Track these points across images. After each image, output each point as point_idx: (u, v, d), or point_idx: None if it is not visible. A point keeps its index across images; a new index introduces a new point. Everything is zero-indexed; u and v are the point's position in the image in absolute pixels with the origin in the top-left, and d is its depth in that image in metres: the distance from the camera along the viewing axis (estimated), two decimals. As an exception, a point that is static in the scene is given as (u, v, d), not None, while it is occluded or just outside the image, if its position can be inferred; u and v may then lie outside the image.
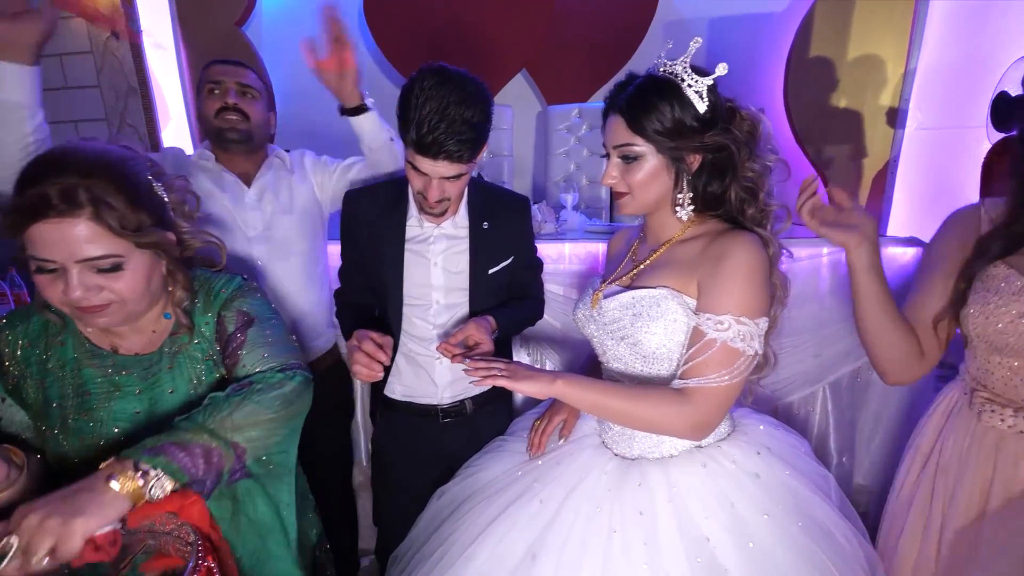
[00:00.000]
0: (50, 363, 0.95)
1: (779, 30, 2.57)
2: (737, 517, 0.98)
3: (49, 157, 0.84)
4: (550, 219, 2.08)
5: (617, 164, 1.05)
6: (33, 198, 0.79)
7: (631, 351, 1.08)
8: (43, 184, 0.79)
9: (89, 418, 0.94)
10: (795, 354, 1.79)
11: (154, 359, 0.99)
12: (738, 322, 0.95)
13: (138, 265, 0.88)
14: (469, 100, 1.13)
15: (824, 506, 1.04)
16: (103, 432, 0.94)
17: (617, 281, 1.14)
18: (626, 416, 1.01)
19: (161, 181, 0.95)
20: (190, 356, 1.00)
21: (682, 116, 0.98)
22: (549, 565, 1.00)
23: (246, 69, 1.62)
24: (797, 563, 0.94)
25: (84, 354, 0.96)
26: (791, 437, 1.19)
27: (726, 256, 0.98)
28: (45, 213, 0.79)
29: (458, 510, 1.21)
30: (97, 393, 0.95)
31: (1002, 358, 1.04)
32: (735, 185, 1.03)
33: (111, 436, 0.95)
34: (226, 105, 1.55)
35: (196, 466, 0.82)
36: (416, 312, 1.39)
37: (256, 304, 1.06)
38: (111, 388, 0.95)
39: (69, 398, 0.94)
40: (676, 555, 0.95)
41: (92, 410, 0.94)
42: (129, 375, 0.97)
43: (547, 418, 1.26)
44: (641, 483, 1.05)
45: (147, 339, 0.99)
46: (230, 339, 1.01)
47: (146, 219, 0.87)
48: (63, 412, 0.94)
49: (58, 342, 0.96)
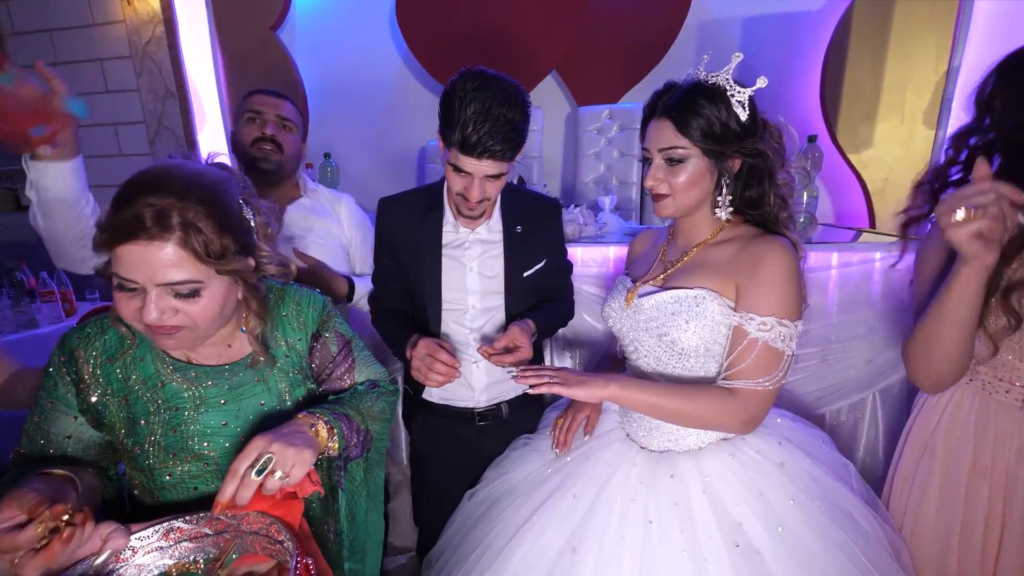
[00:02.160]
0: (131, 380, 0.95)
1: (815, 29, 2.58)
2: (766, 503, 1.05)
3: (146, 178, 0.84)
4: (591, 222, 2.10)
5: (661, 166, 1.12)
6: (127, 219, 0.80)
7: (665, 348, 1.14)
8: (137, 205, 0.80)
9: (178, 434, 0.95)
10: (845, 359, 1.79)
11: (236, 370, 1.01)
12: (780, 324, 1.02)
13: (215, 292, 0.88)
14: (511, 101, 1.20)
15: (846, 493, 1.11)
16: (192, 447, 0.96)
17: (651, 281, 1.20)
18: (681, 415, 1.08)
19: (250, 204, 0.96)
20: (280, 370, 1.04)
21: (727, 121, 1.05)
22: (589, 557, 1.07)
23: (285, 101, 1.71)
24: (825, 545, 1.01)
25: (164, 368, 0.96)
26: (811, 429, 1.26)
27: (764, 260, 1.05)
28: (136, 235, 0.80)
29: (490, 511, 1.28)
30: (184, 408, 0.96)
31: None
32: (773, 190, 1.10)
33: (200, 450, 0.96)
34: (263, 135, 1.64)
35: (351, 439, 0.98)
36: (453, 316, 1.45)
37: (343, 324, 1.16)
38: (197, 402, 0.97)
39: (157, 414, 0.95)
40: (713, 541, 1.02)
41: (181, 425, 0.95)
42: (214, 387, 0.98)
43: (570, 416, 1.32)
44: (673, 474, 1.12)
45: (222, 351, 1.01)
46: (336, 359, 1.11)
47: (231, 245, 0.88)
48: (150, 428, 0.94)
49: (137, 358, 0.96)
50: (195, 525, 0.84)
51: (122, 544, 0.79)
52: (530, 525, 1.15)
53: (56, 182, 1.25)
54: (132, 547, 0.81)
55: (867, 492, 1.19)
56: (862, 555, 1.03)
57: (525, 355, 1.26)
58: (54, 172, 1.24)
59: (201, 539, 0.84)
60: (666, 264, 1.21)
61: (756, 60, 2.79)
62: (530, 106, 1.25)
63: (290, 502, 0.85)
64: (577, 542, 1.09)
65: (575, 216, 1.98)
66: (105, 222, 0.82)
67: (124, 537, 0.79)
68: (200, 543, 0.85)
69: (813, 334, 1.75)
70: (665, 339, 1.12)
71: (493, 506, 1.28)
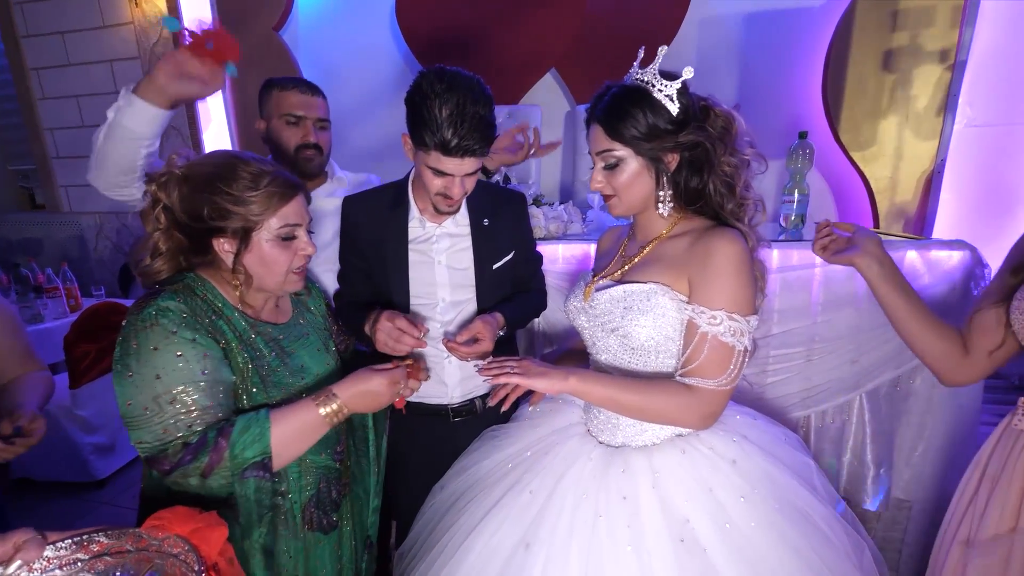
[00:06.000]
0: (235, 332, 1.11)
1: (817, 25, 2.56)
2: (715, 500, 1.06)
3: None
4: (576, 219, 2.12)
5: (601, 169, 1.15)
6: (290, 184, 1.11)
7: (620, 343, 1.15)
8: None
9: (282, 371, 1.15)
10: (830, 360, 1.78)
11: (291, 325, 1.25)
12: (730, 318, 1.03)
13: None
14: (481, 98, 1.23)
15: (803, 492, 1.11)
16: (295, 383, 1.17)
17: (608, 276, 1.22)
18: (638, 409, 1.10)
19: None
20: (317, 327, 1.32)
21: (655, 119, 1.08)
22: (541, 553, 1.09)
23: (320, 99, 1.77)
24: (773, 543, 1.02)
25: (249, 324, 1.15)
26: (775, 428, 1.26)
27: (713, 253, 1.06)
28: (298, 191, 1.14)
29: (456, 504, 1.31)
30: (276, 352, 1.16)
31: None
32: (713, 179, 1.11)
33: (298, 383, 1.18)
34: (307, 143, 1.71)
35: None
36: (423, 311, 1.48)
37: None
38: (281, 348, 1.18)
39: (264, 357, 1.13)
40: (658, 536, 1.03)
41: (279, 367, 1.15)
42: (285, 339, 1.20)
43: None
44: (625, 470, 1.13)
45: (275, 312, 1.23)
46: (342, 328, 1.43)
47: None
48: (266, 367, 1.13)
49: (225, 317, 1.11)
50: (117, 540, 0.82)
51: (35, 555, 0.74)
52: (488, 520, 1.17)
53: (139, 119, 1.30)
54: (47, 557, 0.76)
55: (831, 493, 1.18)
56: (817, 555, 1.03)
57: (484, 348, 1.28)
58: (142, 111, 1.30)
59: (122, 555, 0.82)
60: (624, 259, 1.23)
61: (757, 57, 2.78)
62: (492, 97, 1.27)
63: (211, 529, 0.86)
64: (531, 537, 1.11)
65: (559, 213, 2.00)
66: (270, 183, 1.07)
67: (39, 548, 0.74)
68: (121, 559, 0.82)
69: (797, 333, 1.74)
70: (618, 333, 1.14)
71: (459, 499, 1.31)
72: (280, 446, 1.04)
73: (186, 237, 1.09)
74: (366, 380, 1.12)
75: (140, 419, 0.98)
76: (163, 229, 1.09)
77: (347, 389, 1.11)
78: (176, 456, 0.98)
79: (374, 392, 1.12)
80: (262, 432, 1.02)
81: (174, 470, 0.99)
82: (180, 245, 1.11)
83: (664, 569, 0.99)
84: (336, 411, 1.09)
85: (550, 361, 1.39)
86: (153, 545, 0.83)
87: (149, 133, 1.33)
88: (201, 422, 1.00)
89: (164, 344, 0.99)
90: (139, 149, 1.35)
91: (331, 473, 1.23)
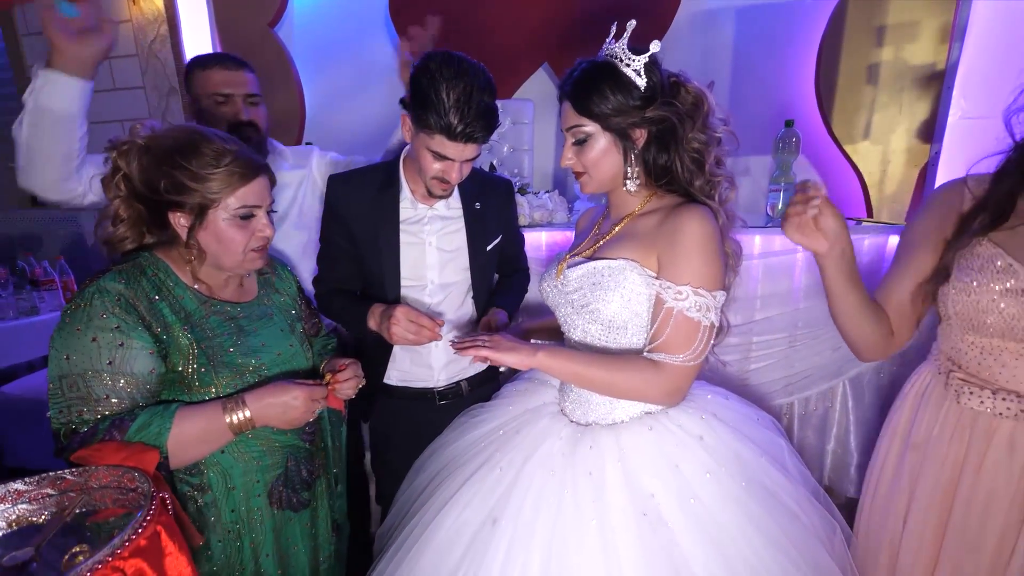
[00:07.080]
0: (181, 314, 1.09)
1: (810, 18, 2.56)
2: (681, 476, 1.06)
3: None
4: (561, 208, 2.14)
5: (571, 146, 1.16)
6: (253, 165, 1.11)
7: (590, 319, 1.16)
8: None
9: (235, 352, 1.13)
10: (813, 346, 1.78)
11: (254, 304, 1.24)
12: (696, 293, 1.03)
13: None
14: (487, 86, 1.25)
15: (772, 471, 1.11)
16: (247, 364, 1.15)
17: (580, 253, 1.22)
18: (606, 385, 1.10)
19: None
20: (283, 308, 1.31)
21: (621, 94, 1.08)
22: (507, 528, 1.10)
23: (249, 73, 1.67)
24: (738, 519, 1.02)
25: (203, 303, 1.13)
26: (747, 408, 1.25)
27: (679, 230, 1.06)
28: (260, 172, 1.13)
29: (431, 483, 1.31)
30: (231, 333, 1.15)
31: (977, 337, 1.05)
32: (680, 155, 1.11)
33: (251, 365, 1.16)
34: (240, 121, 1.62)
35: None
36: (412, 292, 1.50)
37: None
38: (238, 328, 1.16)
39: (214, 338, 1.11)
40: (623, 511, 1.04)
41: (232, 347, 1.13)
42: (244, 317, 1.19)
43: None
44: (592, 446, 1.14)
45: (238, 290, 1.23)
46: (312, 311, 1.44)
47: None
48: (215, 349, 1.11)
49: (177, 296, 1.10)
50: (36, 486, 0.84)
51: None
52: (458, 497, 1.18)
53: (62, 96, 1.27)
54: None
55: (803, 473, 1.18)
56: (783, 532, 1.03)
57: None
58: (64, 85, 1.27)
59: (43, 499, 0.84)
60: (598, 236, 1.24)
61: (750, 51, 2.78)
62: (496, 87, 1.28)
63: (144, 453, 0.88)
64: (499, 513, 1.11)
65: (544, 202, 2.01)
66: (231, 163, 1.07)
67: None
68: (41, 503, 0.84)
69: (779, 320, 1.74)
70: (588, 309, 1.14)
71: (435, 478, 1.32)
72: (178, 447, 1.00)
73: (144, 207, 1.09)
74: (283, 392, 1.09)
75: (51, 394, 0.99)
76: (123, 197, 1.08)
77: (260, 399, 1.08)
78: (65, 440, 0.98)
79: (289, 405, 1.09)
80: (160, 431, 0.98)
81: (62, 453, 0.98)
82: (140, 214, 1.10)
83: (626, 543, 1.00)
84: (243, 421, 1.06)
85: (521, 332, 1.41)
86: (77, 484, 0.84)
87: (76, 110, 1.30)
88: (91, 412, 0.98)
89: (86, 326, 0.98)
90: (72, 131, 1.32)
91: (299, 452, 1.23)
